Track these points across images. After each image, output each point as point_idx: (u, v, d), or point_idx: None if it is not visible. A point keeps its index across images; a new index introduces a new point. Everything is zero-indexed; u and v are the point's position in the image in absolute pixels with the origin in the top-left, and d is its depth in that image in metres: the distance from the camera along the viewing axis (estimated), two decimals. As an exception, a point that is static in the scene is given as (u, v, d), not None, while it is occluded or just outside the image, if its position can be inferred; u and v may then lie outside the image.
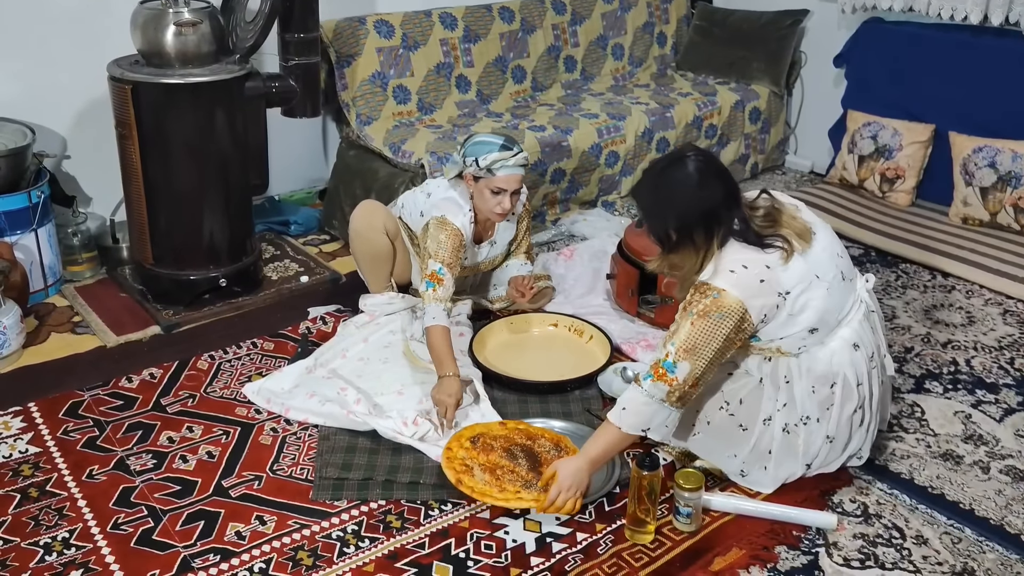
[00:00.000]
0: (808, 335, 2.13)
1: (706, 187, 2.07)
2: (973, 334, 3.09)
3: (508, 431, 2.40)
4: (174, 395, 2.65)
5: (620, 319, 3.08)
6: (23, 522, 2.14)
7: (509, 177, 2.72)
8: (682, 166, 2.09)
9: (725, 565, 2.06)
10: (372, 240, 2.95)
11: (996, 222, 3.82)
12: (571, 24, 4.47)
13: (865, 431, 2.26)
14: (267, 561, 2.04)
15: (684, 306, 2.09)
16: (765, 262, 2.06)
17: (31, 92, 3.25)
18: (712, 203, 2.07)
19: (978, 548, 2.13)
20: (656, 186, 2.13)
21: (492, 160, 2.68)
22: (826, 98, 4.56)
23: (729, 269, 2.05)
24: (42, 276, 3.13)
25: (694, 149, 2.15)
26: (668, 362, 2.06)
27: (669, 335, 2.09)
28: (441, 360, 2.55)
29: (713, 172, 2.10)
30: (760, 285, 2.05)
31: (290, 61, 3.18)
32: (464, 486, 2.19)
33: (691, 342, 2.04)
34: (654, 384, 2.07)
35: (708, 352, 2.04)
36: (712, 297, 2.03)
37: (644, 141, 4.14)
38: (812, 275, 2.10)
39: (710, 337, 2.03)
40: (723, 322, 2.02)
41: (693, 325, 2.04)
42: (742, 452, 2.25)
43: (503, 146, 2.70)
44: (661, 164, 2.16)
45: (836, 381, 2.16)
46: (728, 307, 2.02)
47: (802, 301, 2.08)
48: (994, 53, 3.89)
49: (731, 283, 2.04)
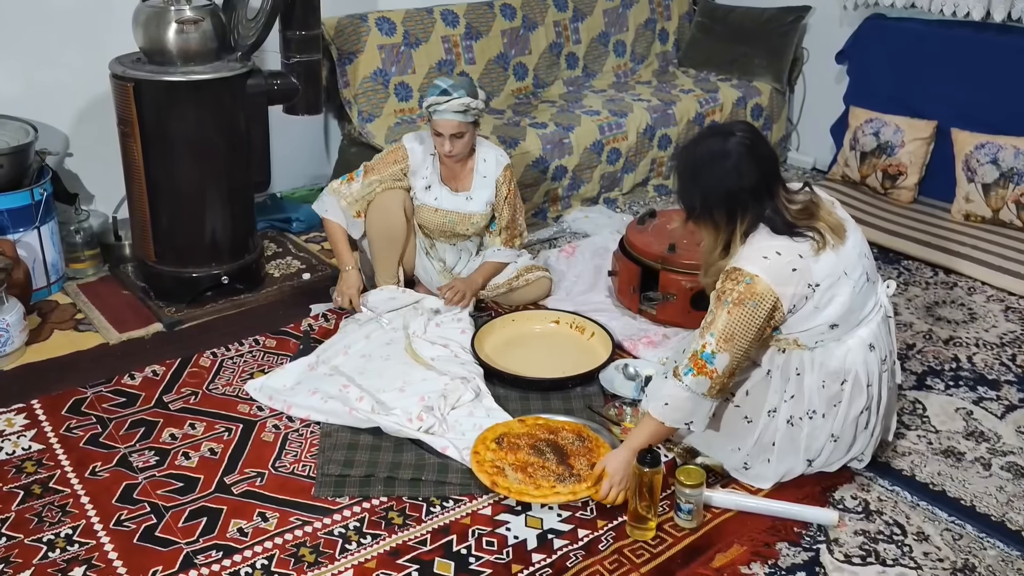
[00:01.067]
0: (828, 330, 2.13)
1: (738, 169, 2.05)
2: (975, 331, 3.09)
3: (529, 428, 2.41)
4: (176, 392, 2.65)
5: (622, 316, 3.09)
6: (26, 519, 2.14)
7: (443, 122, 2.83)
8: (723, 141, 2.07)
9: (726, 561, 2.06)
10: (390, 214, 2.97)
11: (998, 219, 3.82)
12: (573, 21, 4.47)
13: (869, 435, 2.25)
14: (269, 558, 2.05)
15: (717, 295, 2.08)
16: (798, 251, 2.06)
17: (33, 90, 3.26)
18: (740, 187, 2.04)
19: (979, 545, 2.13)
20: (693, 153, 2.12)
21: (428, 103, 2.82)
22: (828, 95, 4.56)
23: (762, 255, 2.05)
24: (45, 273, 3.14)
25: (744, 127, 2.13)
26: (707, 353, 2.06)
27: (706, 325, 2.08)
28: (337, 255, 3.00)
29: (753, 156, 2.06)
30: (792, 274, 2.04)
31: (292, 58, 3.19)
32: (500, 487, 2.19)
33: (729, 331, 2.04)
34: (696, 379, 2.08)
35: (745, 341, 2.05)
36: (745, 283, 2.03)
37: (646, 138, 4.14)
38: (841, 271, 2.10)
39: (747, 325, 2.03)
40: (758, 310, 2.02)
41: (730, 314, 2.04)
42: (746, 445, 2.25)
43: (443, 91, 2.80)
44: (705, 133, 2.15)
45: (847, 378, 2.15)
46: (761, 294, 2.02)
47: (829, 295, 2.08)
48: (996, 49, 3.88)
49: (763, 269, 2.03)
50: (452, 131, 2.84)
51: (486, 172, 3.04)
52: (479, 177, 3.03)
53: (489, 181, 3.04)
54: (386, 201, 2.98)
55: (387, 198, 2.99)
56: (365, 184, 2.97)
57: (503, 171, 3.05)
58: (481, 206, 3.05)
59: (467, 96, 2.80)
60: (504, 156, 3.09)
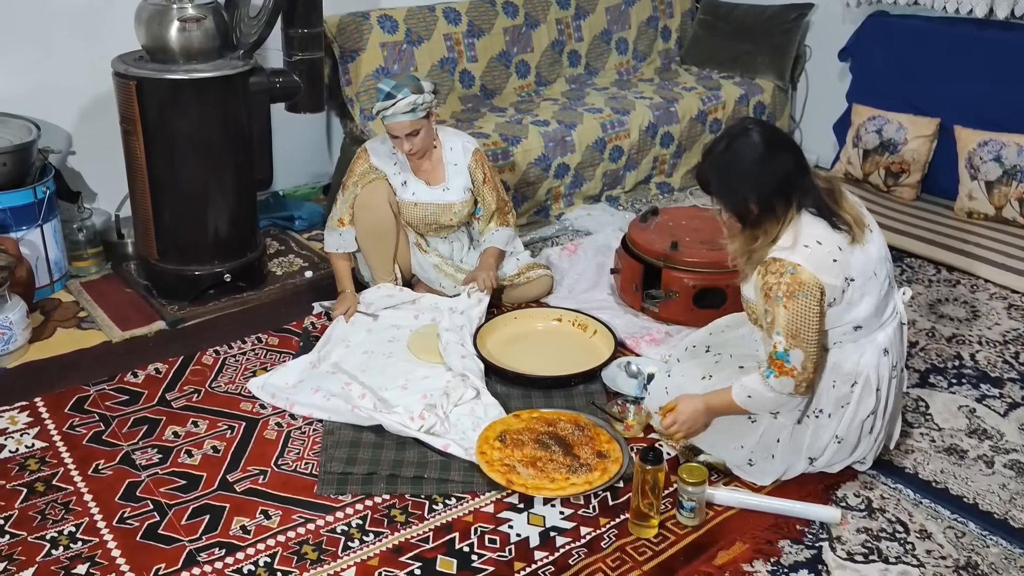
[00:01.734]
0: (851, 332, 2.12)
1: (776, 155, 2.06)
2: (978, 328, 3.09)
3: (526, 422, 2.42)
4: (179, 390, 2.65)
5: (624, 314, 3.08)
6: (29, 516, 2.15)
7: (395, 125, 2.84)
8: (747, 138, 2.07)
9: (728, 559, 2.06)
10: (376, 210, 2.96)
11: (1001, 216, 3.81)
12: (575, 19, 4.47)
13: (873, 440, 2.25)
14: (272, 555, 2.05)
15: (765, 292, 2.06)
16: (837, 242, 2.06)
17: (36, 88, 3.26)
18: (786, 170, 2.05)
19: (982, 542, 2.13)
20: (726, 163, 2.10)
21: (378, 109, 2.83)
22: (831, 92, 4.55)
23: (803, 244, 2.04)
24: (47, 272, 3.14)
25: (752, 120, 2.14)
26: (781, 352, 2.05)
27: (769, 326, 2.07)
28: (337, 280, 3.04)
29: (779, 140, 2.09)
30: (832, 264, 2.04)
31: (294, 56, 3.18)
32: (517, 485, 2.20)
33: (792, 327, 2.03)
34: (779, 380, 2.07)
35: (810, 333, 2.04)
36: (789, 274, 2.02)
37: (648, 136, 4.14)
38: (871, 270, 2.10)
39: (807, 317, 2.02)
40: (810, 299, 2.02)
41: (787, 309, 2.03)
42: (749, 442, 2.24)
43: (387, 94, 2.80)
44: (724, 141, 2.12)
45: (858, 381, 2.15)
46: (807, 282, 2.01)
47: (860, 293, 2.08)
48: (999, 46, 3.87)
49: (805, 258, 2.03)
50: (406, 131, 2.85)
51: (455, 160, 3.04)
52: (450, 166, 3.04)
53: (461, 168, 3.05)
54: (369, 199, 2.97)
55: (370, 196, 2.97)
56: (345, 196, 3.00)
57: (472, 156, 3.06)
58: (459, 194, 3.05)
59: (412, 94, 2.79)
60: (470, 141, 3.10)
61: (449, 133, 3.11)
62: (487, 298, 2.96)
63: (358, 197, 2.98)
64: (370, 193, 2.97)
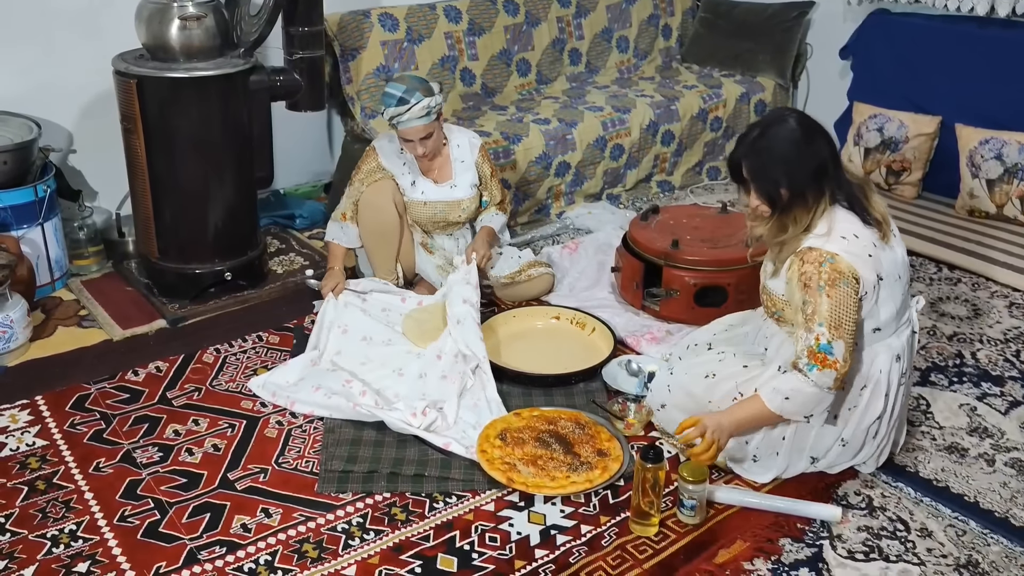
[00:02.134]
0: (870, 334, 2.12)
1: (812, 143, 2.07)
2: (979, 327, 3.09)
3: (526, 420, 2.42)
4: (180, 388, 2.66)
5: (625, 312, 3.08)
6: (30, 514, 2.15)
7: (408, 130, 2.84)
8: (784, 124, 2.08)
9: (729, 557, 2.06)
10: (381, 210, 2.96)
11: (1002, 214, 3.81)
12: (576, 17, 4.46)
13: (877, 444, 2.25)
14: (273, 553, 2.05)
15: (804, 283, 2.05)
16: (871, 238, 2.07)
17: (37, 86, 3.26)
18: (820, 159, 2.06)
19: (983, 540, 2.13)
20: (761, 147, 2.10)
21: (391, 115, 2.82)
22: (832, 90, 4.55)
23: (840, 235, 2.05)
24: (48, 270, 3.14)
25: (790, 109, 2.15)
26: (824, 344, 2.02)
27: (808, 317, 2.04)
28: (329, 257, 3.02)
29: (816, 128, 2.09)
30: (868, 259, 2.05)
31: (294, 55, 3.18)
32: (517, 483, 2.21)
33: (835, 316, 2.02)
34: (822, 373, 2.03)
35: (851, 323, 2.03)
36: (828, 263, 2.02)
37: (649, 134, 4.13)
38: (897, 273, 2.11)
39: (848, 306, 2.02)
40: (849, 288, 2.02)
41: (830, 297, 2.01)
42: (755, 438, 2.23)
43: (399, 100, 2.78)
44: (761, 125, 2.13)
45: (868, 384, 2.15)
46: (846, 271, 2.01)
47: (885, 294, 2.08)
48: (1001, 44, 3.87)
49: (842, 248, 2.03)
50: (420, 135, 2.86)
51: (463, 157, 3.06)
52: (457, 163, 3.05)
53: (468, 165, 3.06)
54: (375, 198, 2.97)
55: (375, 196, 2.97)
56: (351, 192, 3.01)
57: (479, 152, 3.08)
58: (467, 191, 3.07)
59: (424, 97, 2.79)
60: (476, 137, 3.12)
61: (454, 130, 3.12)
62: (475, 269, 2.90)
63: (363, 196, 2.98)
64: (375, 193, 2.97)
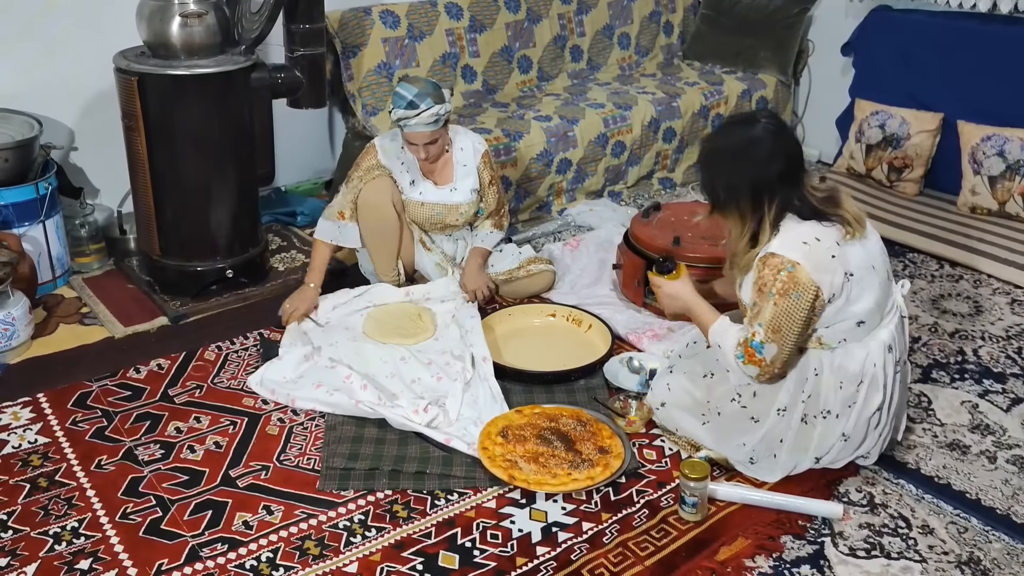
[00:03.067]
0: (854, 328, 2.12)
1: (763, 157, 2.04)
2: (981, 324, 3.08)
3: (528, 417, 2.42)
4: (181, 386, 2.66)
5: (626, 309, 3.08)
6: (33, 512, 2.15)
7: (414, 134, 2.81)
8: (748, 128, 2.07)
9: (731, 555, 2.06)
10: (379, 209, 2.95)
11: (1005, 211, 3.80)
12: (577, 13, 4.46)
13: (878, 435, 2.25)
14: (274, 550, 2.05)
15: (759, 286, 2.06)
16: (835, 238, 2.05)
17: (38, 84, 3.26)
18: (765, 175, 2.03)
19: (984, 538, 2.13)
20: (717, 140, 2.11)
21: (398, 116, 2.78)
22: (834, 87, 4.54)
23: (801, 240, 2.03)
24: (50, 267, 3.14)
25: (768, 114, 2.13)
26: (756, 342, 2.07)
27: (753, 315, 2.07)
28: (310, 269, 2.99)
29: (778, 143, 2.06)
30: (831, 261, 2.03)
31: (296, 52, 3.18)
32: (519, 480, 2.21)
33: (776, 322, 2.03)
34: (747, 366, 2.12)
35: (792, 332, 2.04)
36: (787, 271, 2.01)
37: (650, 131, 4.13)
38: (870, 264, 2.10)
39: (793, 317, 2.02)
40: (801, 301, 2.01)
41: (776, 305, 2.03)
42: (752, 440, 2.24)
43: (410, 103, 2.75)
44: (732, 122, 2.15)
45: (864, 380, 2.15)
46: (803, 283, 2.00)
47: (860, 288, 2.08)
48: (1003, 41, 3.86)
49: (804, 255, 2.01)
50: (425, 141, 2.83)
51: (465, 161, 3.03)
52: (459, 167, 3.02)
53: (470, 169, 3.03)
54: (373, 197, 2.96)
55: (374, 194, 2.95)
56: (349, 189, 2.98)
57: (481, 158, 3.05)
58: (467, 195, 3.04)
59: (435, 104, 2.75)
60: (480, 143, 3.08)
61: (459, 132, 3.09)
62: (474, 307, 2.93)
63: (361, 194, 2.97)
64: (373, 192, 2.96)
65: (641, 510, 2.19)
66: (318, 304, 2.95)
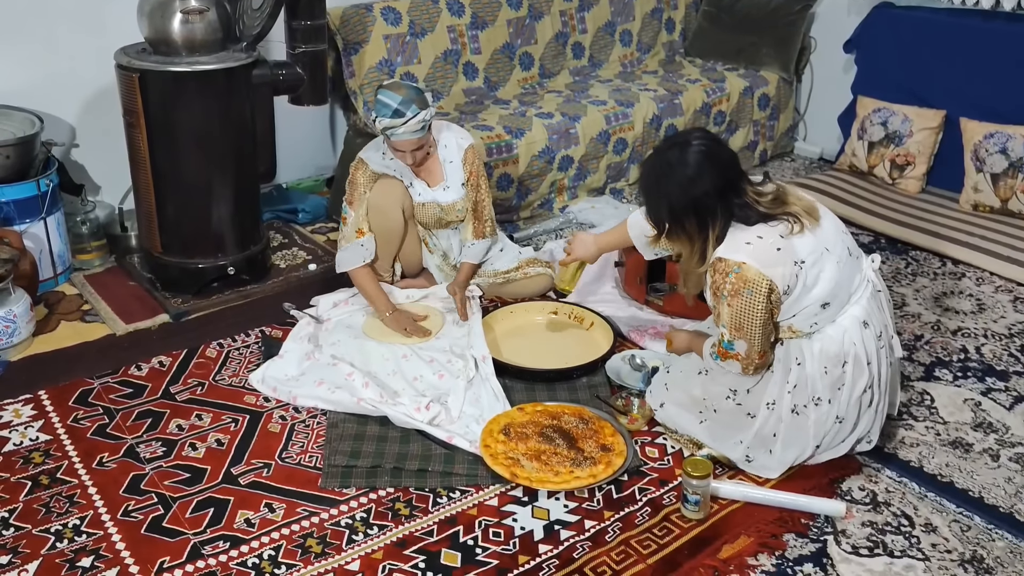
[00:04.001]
0: (820, 311, 2.13)
1: (700, 177, 2.05)
2: (983, 321, 3.08)
3: (530, 415, 2.42)
4: (183, 383, 2.65)
5: (628, 307, 3.08)
6: (34, 509, 2.15)
7: (401, 142, 2.77)
8: (680, 152, 2.08)
9: (733, 553, 2.06)
10: (387, 213, 2.94)
11: (1007, 209, 3.80)
12: (579, 10, 4.45)
13: (874, 412, 2.25)
14: (276, 548, 2.05)
15: (713, 290, 2.10)
16: (778, 232, 2.08)
17: (39, 81, 3.26)
18: (705, 193, 2.06)
19: (987, 536, 2.12)
20: (652, 170, 2.14)
21: (384, 126, 2.73)
22: (836, 84, 4.53)
23: (745, 241, 2.07)
24: (51, 264, 3.14)
25: (700, 134, 2.14)
26: (726, 342, 2.15)
27: (715, 317, 2.15)
28: (374, 301, 2.87)
29: (713, 161, 2.07)
30: (777, 254, 2.06)
31: (297, 49, 3.18)
32: (521, 478, 2.21)
33: (736, 321, 2.09)
34: (725, 363, 2.19)
35: (754, 327, 2.09)
36: (735, 272, 2.05)
37: (652, 128, 4.12)
38: (823, 247, 2.11)
39: (750, 313, 2.07)
40: (755, 296, 2.05)
41: (730, 306, 2.08)
42: (747, 437, 2.25)
43: (395, 111, 2.70)
44: (663, 147, 2.16)
45: (847, 360, 2.16)
46: (753, 280, 2.04)
47: (815, 272, 2.09)
48: (1006, 38, 3.85)
49: (748, 254, 2.05)
50: (412, 148, 2.79)
51: (451, 158, 2.97)
52: (447, 164, 2.98)
53: (457, 165, 2.98)
54: (381, 201, 2.92)
55: (383, 198, 2.92)
56: (358, 209, 2.90)
57: (465, 152, 2.97)
58: (459, 191, 2.99)
59: (420, 111, 2.71)
60: (465, 137, 3.00)
61: (442, 129, 3.02)
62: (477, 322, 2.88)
63: (370, 198, 2.92)
64: (382, 195, 2.93)
65: (643, 508, 2.19)
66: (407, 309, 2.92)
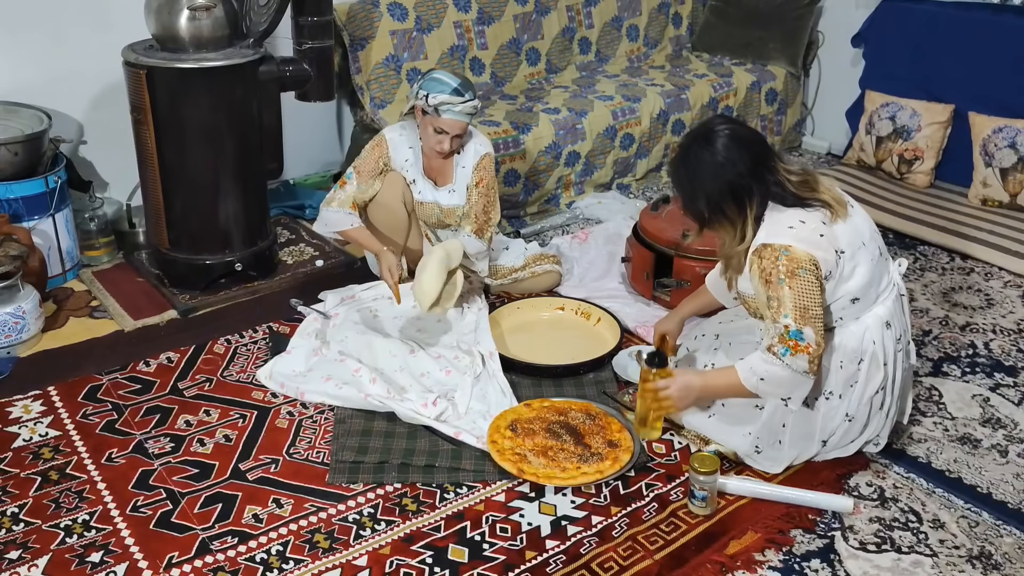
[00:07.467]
0: (849, 305, 2.13)
1: (730, 160, 2.06)
2: (992, 317, 3.07)
3: (537, 411, 2.42)
4: (191, 379, 2.66)
5: (635, 302, 3.08)
6: (44, 504, 2.16)
7: (453, 121, 2.77)
8: (706, 142, 2.09)
9: (740, 548, 2.06)
10: (391, 208, 2.94)
11: (1016, 203, 3.78)
12: (585, 5, 4.44)
13: (884, 415, 2.24)
14: (284, 544, 2.06)
15: (764, 278, 2.06)
16: (820, 218, 2.07)
17: (47, 77, 3.27)
18: (738, 175, 2.06)
19: (995, 532, 2.12)
20: (684, 165, 2.14)
21: (440, 101, 2.73)
22: (844, 78, 4.52)
23: (787, 226, 2.06)
24: (60, 261, 3.15)
25: (721, 119, 2.15)
26: (794, 331, 2.03)
27: (775, 309, 2.05)
28: (369, 245, 2.88)
29: (740, 142, 2.08)
30: (820, 239, 2.05)
31: (304, 45, 3.18)
32: (528, 474, 2.21)
33: (801, 304, 2.02)
34: (795, 357, 2.04)
35: (818, 308, 2.04)
36: (784, 255, 2.03)
37: (659, 123, 4.12)
38: (860, 241, 2.11)
39: (811, 293, 2.03)
40: (810, 275, 2.03)
41: (791, 288, 2.03)
42: (755, 428, 2.24)
43: (455, 90, 2.73)
44: (687, 141, 2.16)
45: (864, 357, 2.15)
46: (802, 259, 2.03)
47: (851, 265, 2.09)
48: (1015, 31, 3.83)
49: (793, 237, 2.04)
50: (459, 131, 2.81)
51: (465, 162, 2.97)
52: (459, 168, 2.97)
53: (468, 170, 2.97)
54: (385, 192, 2.93)
55: (387, 189, 2.93)
56: (360, 187, 2.90)
57: (480, 159, 2.95)
58: (462, 197, 2.99)
59: (475, 98, 2.77)
60: (484, 145, 2.98)
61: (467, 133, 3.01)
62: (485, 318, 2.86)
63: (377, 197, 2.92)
64: (386, 193, 2.93)
65: (651, 504, 2.19)
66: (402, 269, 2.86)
